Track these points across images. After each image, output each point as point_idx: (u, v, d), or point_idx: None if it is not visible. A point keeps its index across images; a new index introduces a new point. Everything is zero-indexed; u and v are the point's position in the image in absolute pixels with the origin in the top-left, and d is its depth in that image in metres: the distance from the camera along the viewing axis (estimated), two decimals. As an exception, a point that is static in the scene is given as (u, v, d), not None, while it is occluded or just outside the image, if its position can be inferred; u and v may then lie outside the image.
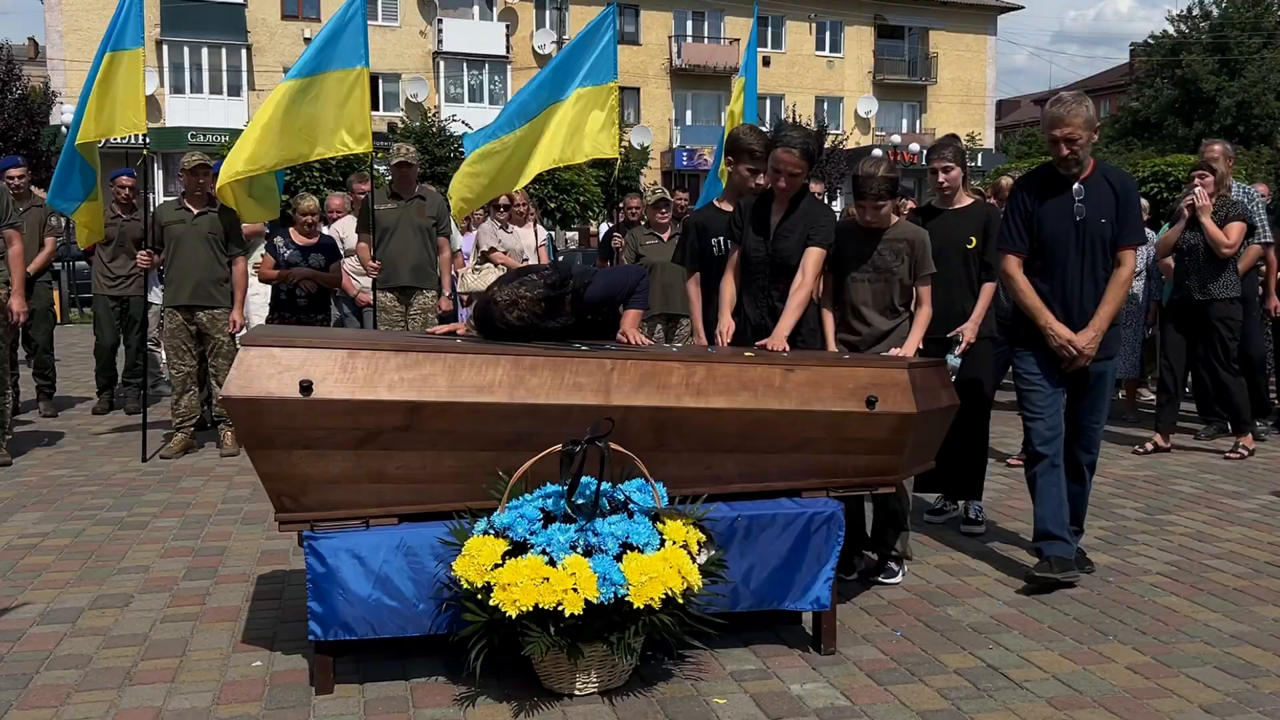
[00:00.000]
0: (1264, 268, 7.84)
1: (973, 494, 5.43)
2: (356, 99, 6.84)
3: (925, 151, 5.80)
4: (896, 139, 38.64)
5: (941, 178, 5.30)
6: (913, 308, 4.63)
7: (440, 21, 37.56)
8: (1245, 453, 7.12)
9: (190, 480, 6.51)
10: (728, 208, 4.85)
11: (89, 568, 4.78)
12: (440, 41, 37.48)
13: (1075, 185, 4.43)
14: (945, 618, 4.18)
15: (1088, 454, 4.73)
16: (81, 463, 7.01)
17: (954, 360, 5.03)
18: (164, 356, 8.59)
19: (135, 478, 6.57)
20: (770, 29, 41.14)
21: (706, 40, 41.44)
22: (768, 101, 39.21)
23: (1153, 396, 8.50)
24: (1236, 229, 6.98)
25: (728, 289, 4.66)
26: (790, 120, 33.24)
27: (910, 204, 9.76)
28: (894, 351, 4.42)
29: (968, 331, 5.10)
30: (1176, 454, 7.26)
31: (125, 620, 4.13)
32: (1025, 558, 4.90)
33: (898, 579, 4.57)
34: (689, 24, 41.37)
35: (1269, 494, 6.16)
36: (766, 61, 39.61)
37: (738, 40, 40.94)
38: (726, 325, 4.57)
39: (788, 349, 4.18)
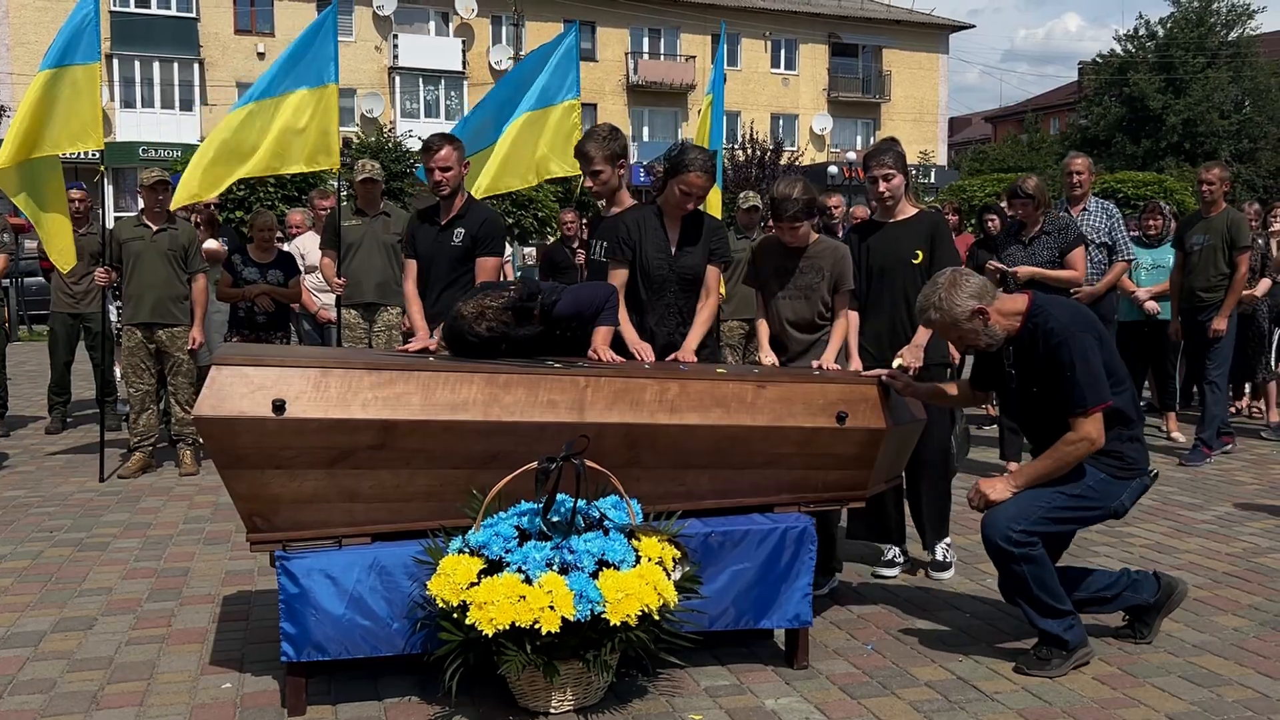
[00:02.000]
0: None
1: (939, 531, 4.94)
2: (326, 116, 6.80)
3: (863, 158, 5.11)
4: (852, 155, 38.95)
5: (882, 186, 4.74)
6: (833, 321, 4.65)
7: (396, 37, 37.43)
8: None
9: (150, 500, 6.41)
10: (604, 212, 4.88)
11: (49, 590, 4.70)
12: (396, 57, 37.35)
13: (1007, 347, 3.87)
14: (915, 631, 4.22)
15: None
16: (37, 483, 6.88)
17: None
18: (118, 373, 8.48)
19: (93, 498, 6.47)
20: (726, 46, 41.41)
21: (663, 57, 41.63)
22: (724, 118, 39.44)
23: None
24: (1079, 256, 6.51)
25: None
26: (746, 137, 33.41)
27: (860, 212, 9.77)
28: (813, 364, 4.43)
29: (907, 356, 4.52)
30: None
31: (89, 643, 4.06)
32: (993, 570, 4.94)
33: (824, 590, 4.57)
34: (645, 41, 41.55)
35: (1224, 506, 6.27)
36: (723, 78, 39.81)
37: (694, 57, 41.19)
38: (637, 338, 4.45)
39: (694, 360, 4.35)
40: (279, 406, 3.27)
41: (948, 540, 5.01)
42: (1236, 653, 3.97)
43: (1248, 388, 9.73)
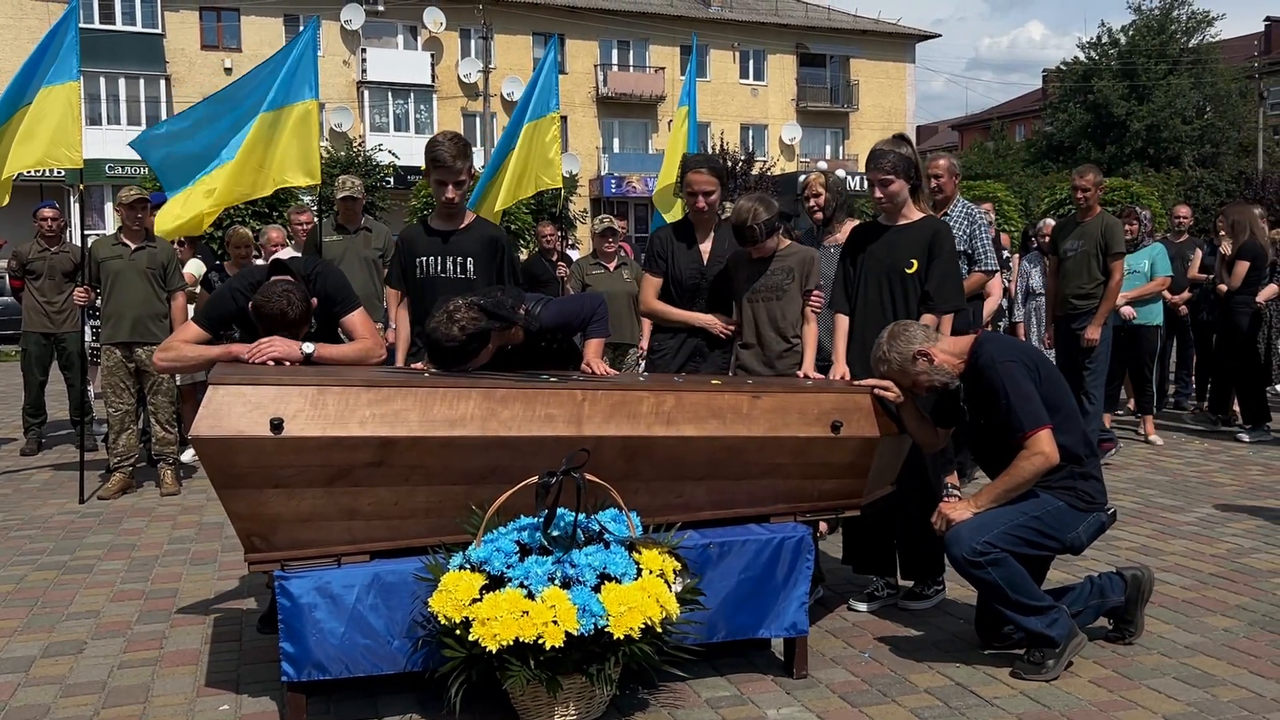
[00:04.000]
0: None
1: (932, 571, 4.65)
2: (308, 132, 6.78)
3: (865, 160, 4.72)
4: (823, 165, 39.21)
5: (878, 193, 4.43)
6: (803, 326, 4.71)
7: (364, 51, 37.30)
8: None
9: (132, 521, 6.35)
10: (441, 226, 4.64)
11: (36, 614, 4.64)
12: (364, 71, 37.22)
13: (959, 385, 4.02)
14: (910, 637, 4.24)
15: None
16: (15, 506, 6.79)
17: None
18: (93, 393, 8.39)
19: (74, 520, 6.39)
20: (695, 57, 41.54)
21: (632, 69, 41.70)
22: (697, 129, 39.53)
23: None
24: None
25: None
26: (717, 148, 33.57)
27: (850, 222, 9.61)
28: (799, 374, 4.53)
29: None
30: (1114, 469, 7.43)
31: (81, 667, 4.01)
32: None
33: (810, 600, 4.53)
34: (614, 53, 41.60)
35: (1205, 508, 6.34)
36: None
37: (663, 69, 41.28)
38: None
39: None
40: (277, 425, 3.25)
41: (939, 584, 4.70)
42: (1228, 653, 4.01)
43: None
